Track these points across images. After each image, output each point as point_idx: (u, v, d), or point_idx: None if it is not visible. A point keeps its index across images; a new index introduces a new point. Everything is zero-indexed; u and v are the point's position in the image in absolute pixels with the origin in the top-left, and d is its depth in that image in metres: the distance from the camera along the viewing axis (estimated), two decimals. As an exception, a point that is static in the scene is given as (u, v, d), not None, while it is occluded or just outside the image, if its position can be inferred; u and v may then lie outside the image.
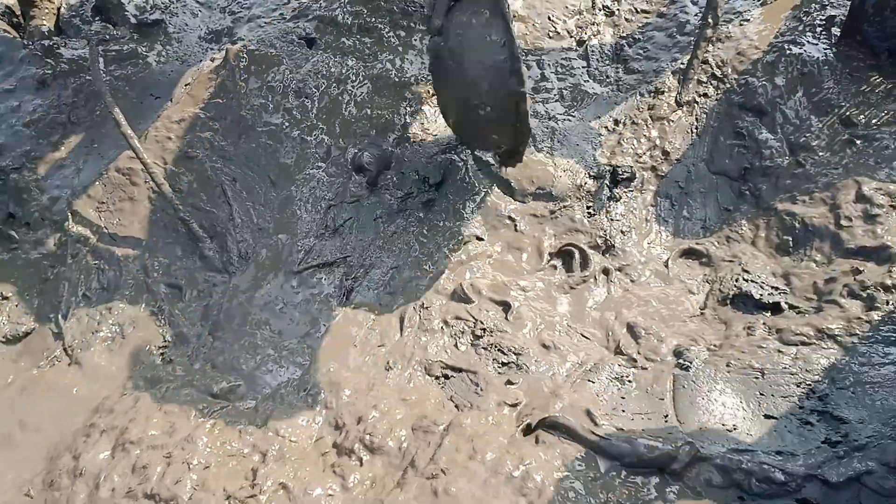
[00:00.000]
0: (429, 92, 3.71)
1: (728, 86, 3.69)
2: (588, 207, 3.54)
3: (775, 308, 2.98)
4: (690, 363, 2.71)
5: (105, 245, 3.37)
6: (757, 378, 2.60)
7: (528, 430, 2.53)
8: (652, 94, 3.77)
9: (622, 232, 3.48)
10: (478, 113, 2.91)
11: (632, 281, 3.29)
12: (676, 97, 3.55)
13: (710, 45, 3.62)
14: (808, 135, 3.43)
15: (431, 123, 3.61)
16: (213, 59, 3.92)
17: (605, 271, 3.33)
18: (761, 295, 2.98)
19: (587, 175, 3.59)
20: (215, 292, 3.21)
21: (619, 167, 3.61)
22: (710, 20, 3.30)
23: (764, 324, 2.87)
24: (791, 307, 2.96)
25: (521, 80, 2.76)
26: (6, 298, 3.34)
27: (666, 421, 2.52)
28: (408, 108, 3.64)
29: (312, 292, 3.14)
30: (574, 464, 2.39)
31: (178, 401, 2.73)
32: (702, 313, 3.09)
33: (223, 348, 2.96)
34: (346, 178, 3.43)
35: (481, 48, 2.75)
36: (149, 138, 3.59)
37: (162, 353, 3.04)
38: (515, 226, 3.43)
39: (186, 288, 3.25)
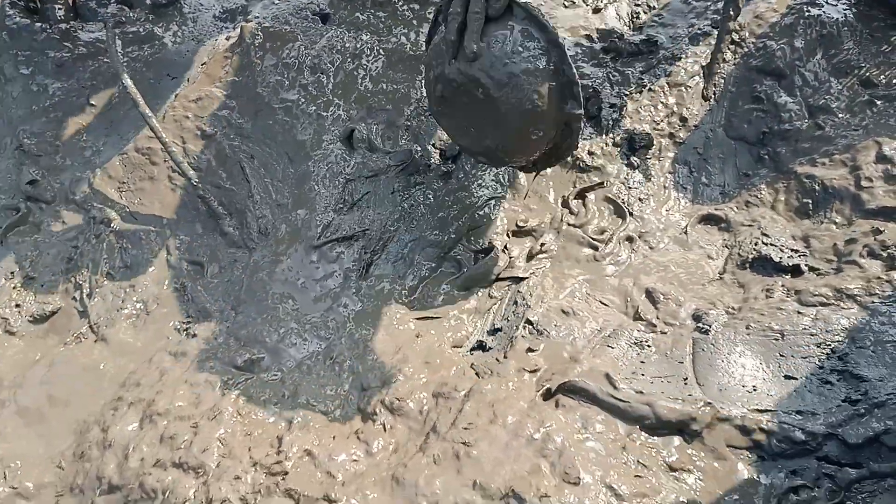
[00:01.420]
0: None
1: (746, 50, 3.64)
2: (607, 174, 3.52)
3: (795, 270, 2.96)
4: (710, 326, 2.68)
5: (127, 224, 3.39)
6: (777, 339, 2.58)
7: (548, 395, 2.51)
8: (668, 61, 3.69)
9: (640, 199, 3.45)
10: (521, 139, 2.76)
11: (650, 248, 3.26)
12: (703, 92, 3.51)
13: (732, 39, 3.56)
14: (827, 97, 3.39)
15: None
16: (228, 38, 3.91)
17: (629, 238, 3.31)
18: (780, 258, 2.97)
19: (605, 142, 3.55)
20: (236, 268, 3.20)
21: (636, 134, 3.57)
22: (731, 12, 3.23)
23: (783, 286, 2.85)
24: (811, 269, 2.94)
25: (580, 101, 2.65)
26: (32, 279, 3.40)
27: (685, 383, 2.49)
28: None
29: (332, 266, 3.13)
30: (594, 426, 2.37)
31: (203, 373, 2.74)
32: (720, 277, 3.06)
33: (246, 322, 2.95)
34: (364, 153, 3.38)
35: (532, 72, 2.57)
36: (167, 118, 3.59)
37: (186, 329, 3.04)
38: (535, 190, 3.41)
39: (208, 264, 3.24)
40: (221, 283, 3.19)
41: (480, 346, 2.83)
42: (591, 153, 3.56)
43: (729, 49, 3.67)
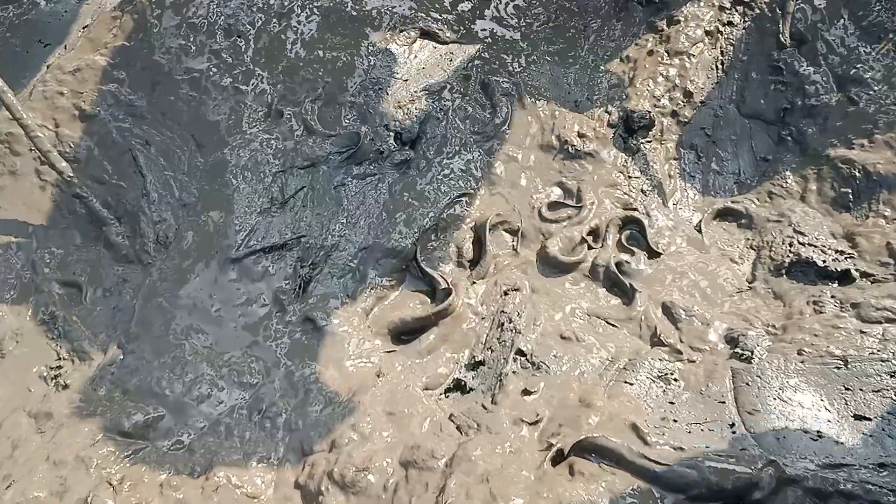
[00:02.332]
0: (396, 28, 3.22)
1: (757, 11, 3.12)
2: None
3: (843, 277, 2.58)
4: (751, 353, 2.33)
5: (-22, 234, 2.93)
6: (839, 368, 2.23)
7: (558, 458, 2.08)
8: (667, 23, 3.17)
9: (643, 191, 2.95)
10: None
11: (660, 251, 2.77)
12: (779, 37, 3.01)
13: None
14: (858, 66, 2.93)
15: (401, 66, 3.15)
16: (117, -6, 3.43)
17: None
18: (825, 261, 2.62)
19: (598, 123, 3.03)
20: (126, 291, 2.77)
21: (633, 112, 3.03)
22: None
23: (833, 297, 2.49)
24: (862, 275, 2.56)
25: None
26: None
27: (733, 432, 2.12)
28: (370, 48, 3.18)
29: (258, 286, 2.71)
30: (627, 502, 1.92)
31: (73, 444, 2.24)
32: (751, 287, 2.67)
33: (138, 367, 2.51)
34: (298, 137, 2.98)
35: None
36: (34, 94, 3.14)
37: (55, 377, 2.56)
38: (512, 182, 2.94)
39: (88, 286, 2.80)
40: (105, 311, 2.73)
41: (459, 386, 2.44)
42: (581, 135, 3.00)
43: (737, 10, 3.12)
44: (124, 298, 2.76)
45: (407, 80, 3.11)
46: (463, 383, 2.40)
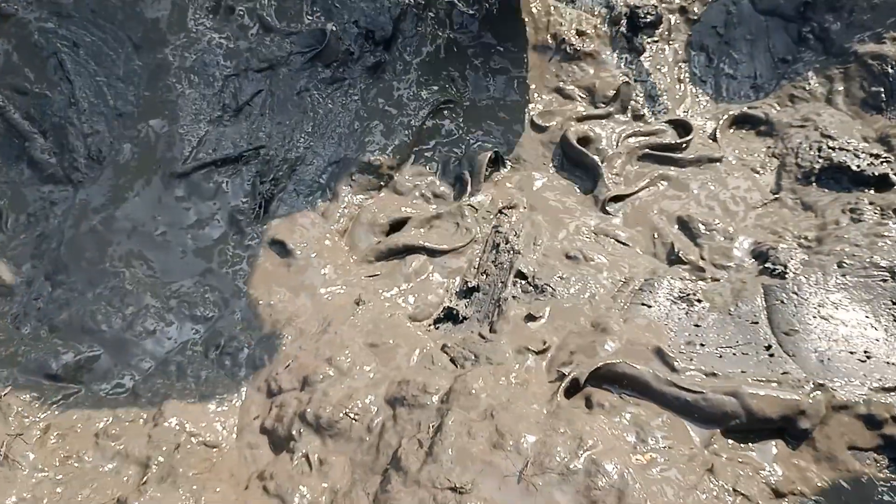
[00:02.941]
0: None
1: None
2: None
3: (881, 182, 2.40)
4: (784, 267, 2.14)
5: None
6: (885, 280, 2.04)
7: (573, 389, 1.85)
8: None
9: (651, 97, 2.69)
10: None
11: (672, 162, 2.55)
12: None
13: None
14: None
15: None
16: None
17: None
18: (860, 166, 2.41)
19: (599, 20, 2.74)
20: (53, 215, 2.51)
21: (638, 8, 2.75)
22: None
23: (872, 204, 2.35)
24: None
25: None
26: None
27: (770, 354, 1.90)
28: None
29: (210, 205, 2.44)
30: (654, 436, 1.71)
31: None
32: (776, 198, 2.47)
33: (68, 300, 2.25)
34: (252, 36, 2.67)
35: None
36: None
37: None
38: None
39: (8, 211, 2.55)
40: (29, 238, 2.46)
41: (450, 315, 2.17)
42: (580, 33, 2.70)
43: None
44: (51, 223, 2.52)
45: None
46: (454, 311, 2.12)
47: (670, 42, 2.76)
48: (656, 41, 2.75)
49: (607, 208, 2.35)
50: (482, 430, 1.64)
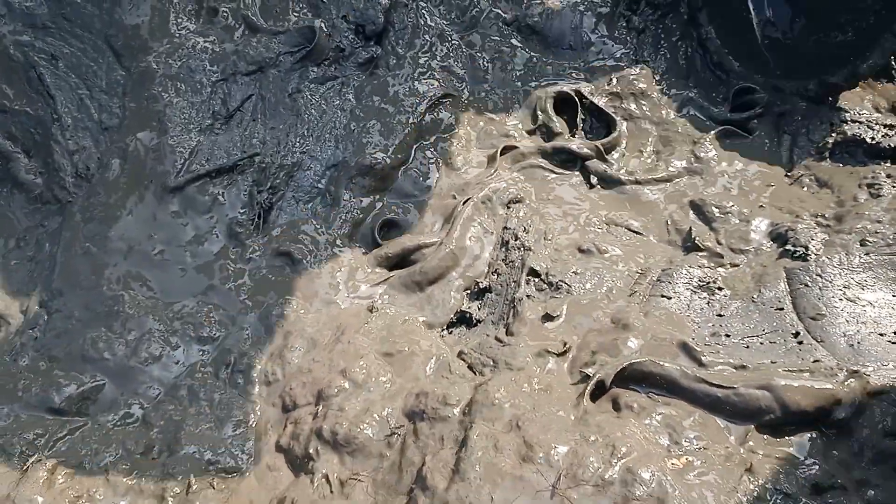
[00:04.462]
0: None
1: None
2: None
3: None
4: (805, 249, 2.10)
5: None
6: None
7: (598, 391, 1.81)
8: None
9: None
10: None
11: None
12: None
13: None
14: None
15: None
16: None
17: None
18: (874, 138, 2.37)
19: None
20: (44, 238, 2.48)
21: None
22: None
23: (889, 176, 2.27)
24: None
25: None
26: None
27: (799, 342, 1.87)
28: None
29: (207, 218, 2.42)
30: (688, 438, 1.66)
31: None
32: (788, 175, 2.45)
33: (66, 329, 2.22)
34: (238, 37, 2.64)
35: None
36: None
37: None
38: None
39: None
40: (21, 264, 2.43)
41: (464, 318, 2.14)
42: None
43: None
44: (42, 247, 2.48)
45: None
46: (468, 315, 2.09)
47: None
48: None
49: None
50: (509, 443, 1.61)
